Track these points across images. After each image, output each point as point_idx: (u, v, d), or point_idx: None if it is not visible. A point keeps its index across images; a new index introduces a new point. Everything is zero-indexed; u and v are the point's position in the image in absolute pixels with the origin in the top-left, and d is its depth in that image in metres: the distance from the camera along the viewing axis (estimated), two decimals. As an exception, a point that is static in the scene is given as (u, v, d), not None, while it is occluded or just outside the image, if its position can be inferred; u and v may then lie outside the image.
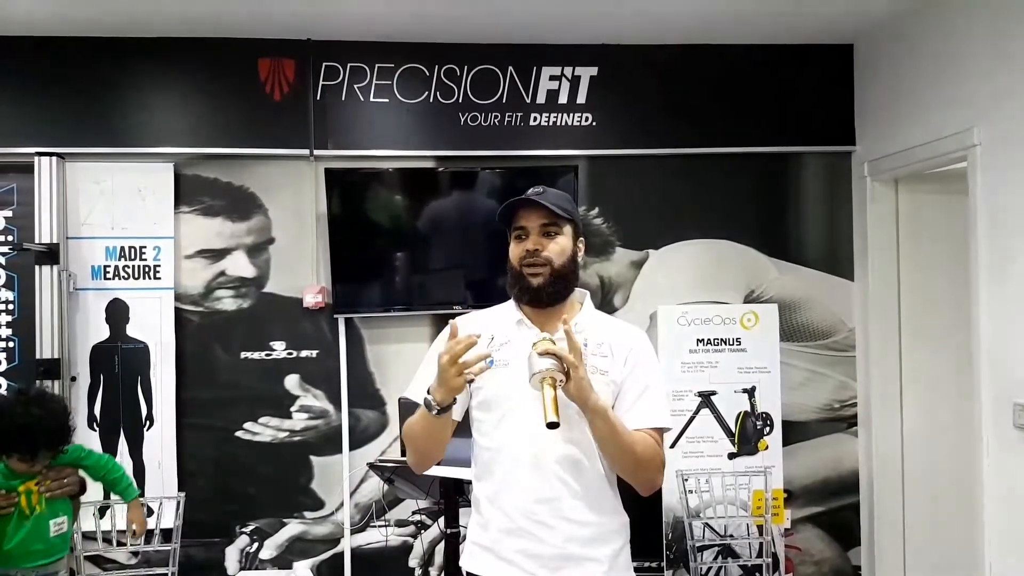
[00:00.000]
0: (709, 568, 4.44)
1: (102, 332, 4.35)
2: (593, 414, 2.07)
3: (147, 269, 4.38)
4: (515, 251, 2.25)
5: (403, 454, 4.05)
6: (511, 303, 2.30)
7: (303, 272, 4.50)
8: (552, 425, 1.96)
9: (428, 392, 2.08)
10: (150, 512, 4.02)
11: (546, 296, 2.22)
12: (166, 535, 4.13)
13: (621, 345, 2.24)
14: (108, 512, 3.97)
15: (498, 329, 2.24)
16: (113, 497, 3.93)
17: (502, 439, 2.18)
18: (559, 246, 2.22)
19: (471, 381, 2.05)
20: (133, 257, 4.38)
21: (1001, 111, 3.63)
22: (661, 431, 2.23)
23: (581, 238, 2.31)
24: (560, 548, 2.15)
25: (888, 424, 4.62)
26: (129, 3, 3.98)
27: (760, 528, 4.39)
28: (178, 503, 4.14)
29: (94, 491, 3.72)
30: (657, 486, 2.23)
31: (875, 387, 4.64)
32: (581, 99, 4.63)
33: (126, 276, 4.37)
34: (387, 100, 4.52)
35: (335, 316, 4.48)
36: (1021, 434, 3.54)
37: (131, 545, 4.03)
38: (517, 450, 2.16)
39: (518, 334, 2.22)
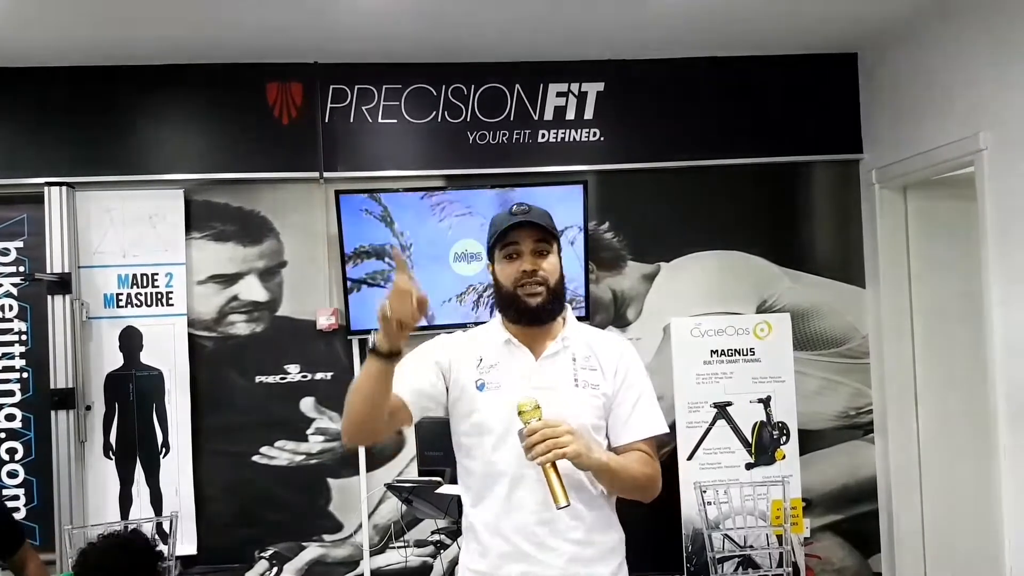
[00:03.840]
0: (730, 580, 4.43)
1: (116, 360, 4.36)
2: (597, 473, 2.07)
3: (159, 296, 4.38)
4: (507, 271, 2.17)
5: (342, 431, 3.97)
6: (495, 323, 2.25)
7: (316, 294, 4.51)
8: (564, 507, 1.96)
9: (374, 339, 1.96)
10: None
11: (545, 315, 2.17)
12: (186, 563, 4.10)
13: (608, 357, 2.22)
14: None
15: (486, 350, 2.19)
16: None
17: (500, 462, 2.12)
18: (552, 264, 2.18)
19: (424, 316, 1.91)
20: (145, 284, 4.38)
21: (1007, 115, 3.65)
22: (656, 438, 2.22)
23: (562, 252, 2.27)
24: (563, 569, 2.11)
25: (904, 430, 4.62)
26: (135, 31, 4.00)
27: (780, 538, 4.37)
28: (167, 522, 3.96)
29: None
30: (656, 496, 2.23)
31: (890, 393, 4.63)
32: (588, 115, 4.64)
33: (139, 304, 4.37)
34: (395, 121, 4.54)
35: (349, 337, 4.48)
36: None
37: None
38: (517, 471, 2.10)
39: (507, 355, 2.19)
